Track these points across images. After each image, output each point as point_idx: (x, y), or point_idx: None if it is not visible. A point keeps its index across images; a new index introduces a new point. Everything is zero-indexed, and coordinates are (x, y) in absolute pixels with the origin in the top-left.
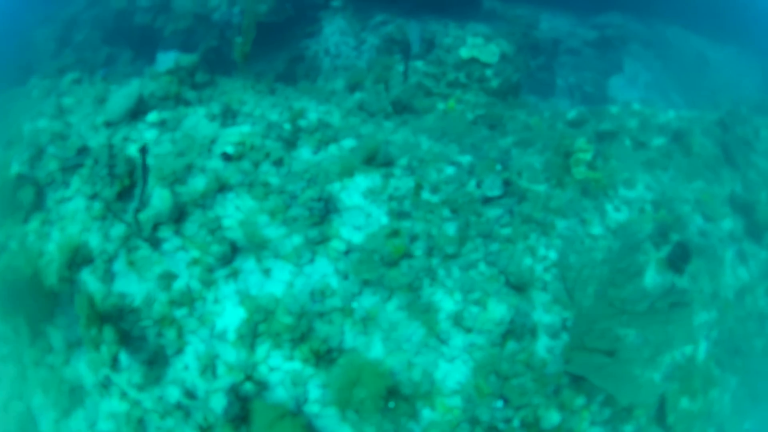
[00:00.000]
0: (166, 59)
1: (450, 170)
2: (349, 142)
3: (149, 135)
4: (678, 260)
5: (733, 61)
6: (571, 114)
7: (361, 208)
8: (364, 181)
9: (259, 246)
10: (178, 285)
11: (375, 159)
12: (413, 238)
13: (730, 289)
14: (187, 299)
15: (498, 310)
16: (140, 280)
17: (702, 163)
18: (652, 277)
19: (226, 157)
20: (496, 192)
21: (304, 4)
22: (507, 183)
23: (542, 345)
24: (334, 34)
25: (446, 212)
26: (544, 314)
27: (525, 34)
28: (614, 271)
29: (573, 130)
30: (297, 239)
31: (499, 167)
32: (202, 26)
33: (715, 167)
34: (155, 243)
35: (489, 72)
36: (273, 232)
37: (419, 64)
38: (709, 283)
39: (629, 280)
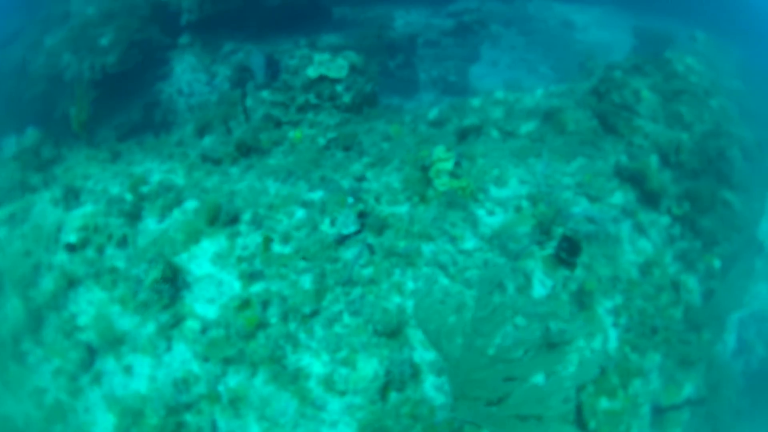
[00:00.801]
0: (9, 143)
1: (300, 213)
2: (191, 204)
3: (1, 233)
4: (566, 255)
5: (600, 22)
6: (433, 113)
7: (212, 277)
8: (210, 245)
9: (116, 341)
10: (49, 400)
11: (218, 218)
12: (266, 304)
13: (633, 267)
14: (59, 414)
15: (368, 366)
16: (16, 401)
17: (579, 139)
18: (540, 281)
19: (71, 248)
20: (351, 228)
21: (151, 46)
22: (362, 215)
23: (429, 385)
24: (185, 72)
25: (301, 263)
26: (425, 352)
27: (379, 35)
28: (476, 320)
29: (436, 130)
30: (151, 327)
31: (351, 200)
32: (57, 88)
33: (594, 141)
34: (19, 358)
35: (340, 87)
36: (127, 322)
37: (265, 94)
38: (607, 268)
39: (496, 328)
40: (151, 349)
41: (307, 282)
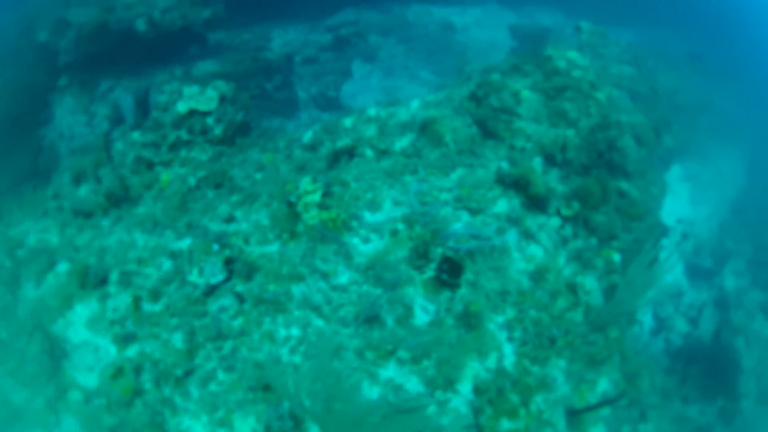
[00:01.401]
0: None
1: (167, 265)
2: (64, 266)
3: None
4: (448, 276)
5: (481, 22)
6: (307, 136)
7: (89, 343)
8: (83, 309)
9: (13, 417)
10: None
11: (87, 280)
12: (138, 370)
13: (524, 276)
14: None
15: (245, 425)
16: None
17: (457, 149)
18: (422, 307)
19: None
20: (218, 277)
21: (34, 91)
22: (230, 261)
23: None
24: (65, 115)
25: (172, 320)
26: (306, 398)
27: (255, 58)
28: (328, 386)
29: (310, 154)
30: (40, 400)
31: (216, 247)
32: None
33: (473, 149)
34: None
35: (210, 120)
36: (19, 396)
37: (136, 136)
38: (495, 282)
39: (351, 393)
40: (43, 423)
41: (178, 341)
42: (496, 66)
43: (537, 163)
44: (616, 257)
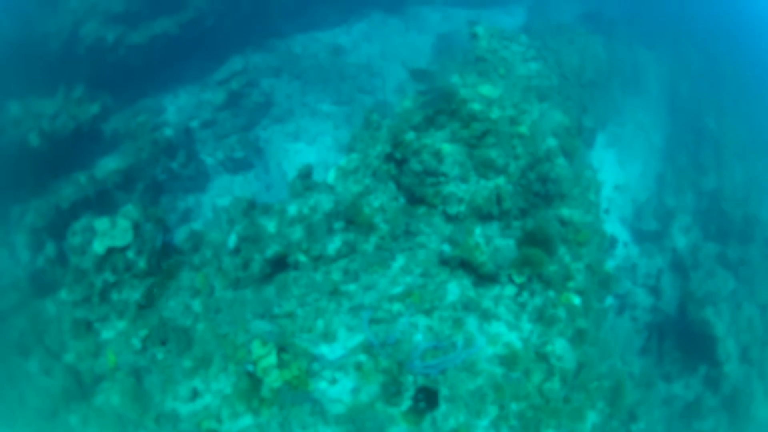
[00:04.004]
0: None
1: None
2: None
3: None
4: (426, 404)
5: (368, 36)
6: (232, 241)
7: None
8: None
9: None
10: None
11: None
12: None
13: (494, 364)
14: None
15: None
16: None
17: (390, 231)
18: None
19: None
20: None
21: None
22: None
23: None
24: None
25: None
26: None
27: (154, 141)
28: None
29: (241, 269)
30: None
31: None
32: None
33: (408, 229)
34: None
35: (131, 254)
36: None
37: (64, 295)
38: (469, 382)
39: None
40: None
41: None
42: (406, 116)
43: (477, 235)
44: (576, 300)
